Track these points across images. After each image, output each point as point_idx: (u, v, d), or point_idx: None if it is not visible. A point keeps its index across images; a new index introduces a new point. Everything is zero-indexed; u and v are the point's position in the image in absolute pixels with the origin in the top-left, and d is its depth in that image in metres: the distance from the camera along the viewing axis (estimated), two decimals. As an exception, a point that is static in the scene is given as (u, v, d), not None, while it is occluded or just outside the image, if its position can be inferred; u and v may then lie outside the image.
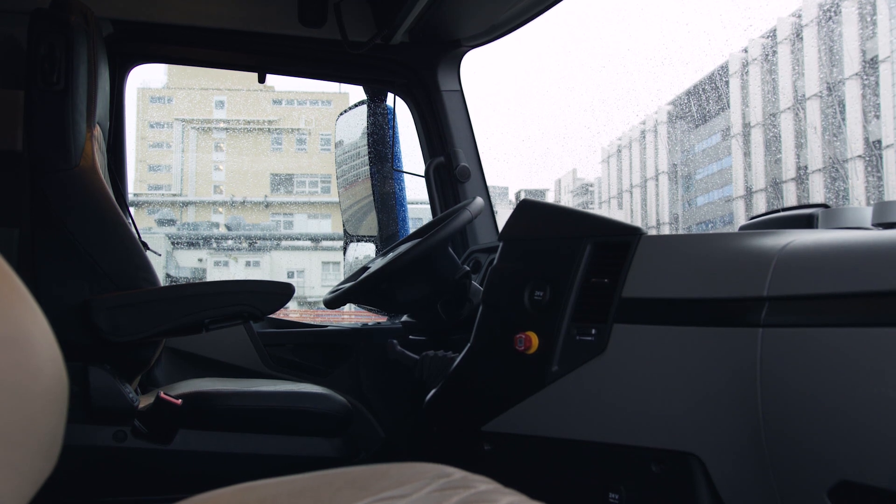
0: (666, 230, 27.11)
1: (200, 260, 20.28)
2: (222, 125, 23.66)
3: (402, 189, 2.50)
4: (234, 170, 23.79)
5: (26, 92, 1.61)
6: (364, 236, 2.63)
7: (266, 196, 22.85)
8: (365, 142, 2.63)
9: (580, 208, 1.42)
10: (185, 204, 22.91)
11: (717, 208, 25.89)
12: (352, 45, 2.17)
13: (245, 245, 20.87)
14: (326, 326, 2.34)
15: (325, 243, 21.24)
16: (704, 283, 1.16)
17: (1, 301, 0.62)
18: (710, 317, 1.13)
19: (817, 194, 22.63)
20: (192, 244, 20.39)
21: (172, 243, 20.27)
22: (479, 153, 2.42)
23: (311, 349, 2.28)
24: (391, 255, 1.95)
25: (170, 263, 19.68)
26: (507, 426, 1.36)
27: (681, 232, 1.36)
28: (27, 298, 0.66)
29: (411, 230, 2.57)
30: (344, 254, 2.74)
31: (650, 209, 27.66)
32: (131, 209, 2.32)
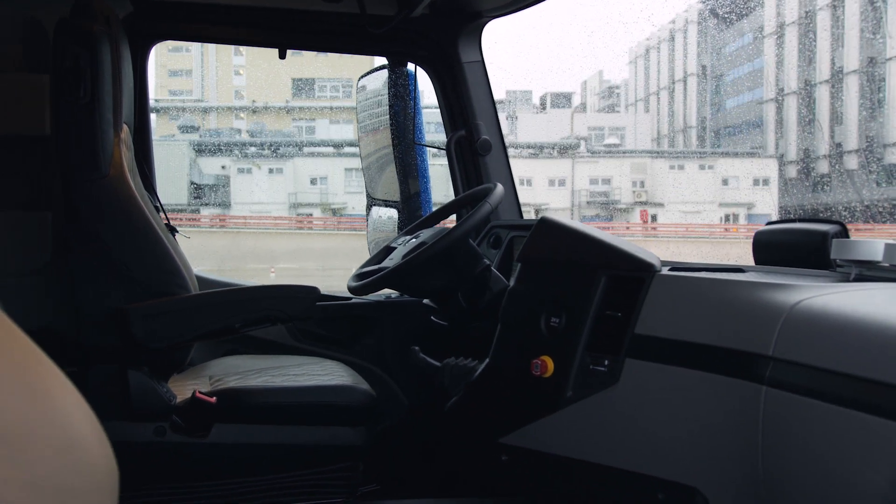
0: (693, 134, 26.65)
1: (223, 167, 20.38)
2: (241, 28, 23.24)
3: (424, 160, 2.51)
4: (255, 74, 23.54)
5: (53, 104, 1.64)
6: (387, 201, 2.66)
7: (287, 101, 22.68)
8: (386, 92, 2.63)
9: (598, 234, 1.44)
10: (207, 110, 22.82)
11: (746, 111, 25.33)
12: (372, 23, 2.15)
13: (268, 152, 20.89)
14: (350, 299, 2.42)
15: (347, 149, 21.19)
16: (714, 331, 1.20)
17: (57, 410, 0.69)
18: (718, 365, 1.18)
19: (852, 98, 21.98)
20: (214, 151, 20.45)
21: (195, 150, 20.34)
22: (501, 125, 2.42)
23: (336, 321, 2.37)
24: (413, 241, 2.00)
25: (193, 171, 19.82)
26: (524, 441, 1.44)
27: (694, 274, 1.39)
28: (78, 398, 0.73)
29: (432, 195, 2.60)
30: (367, 216, 2.78)
31: (677, 112, 27.11)
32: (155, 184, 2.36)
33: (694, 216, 21.46)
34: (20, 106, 2.12)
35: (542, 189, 22.03)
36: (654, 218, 21.95)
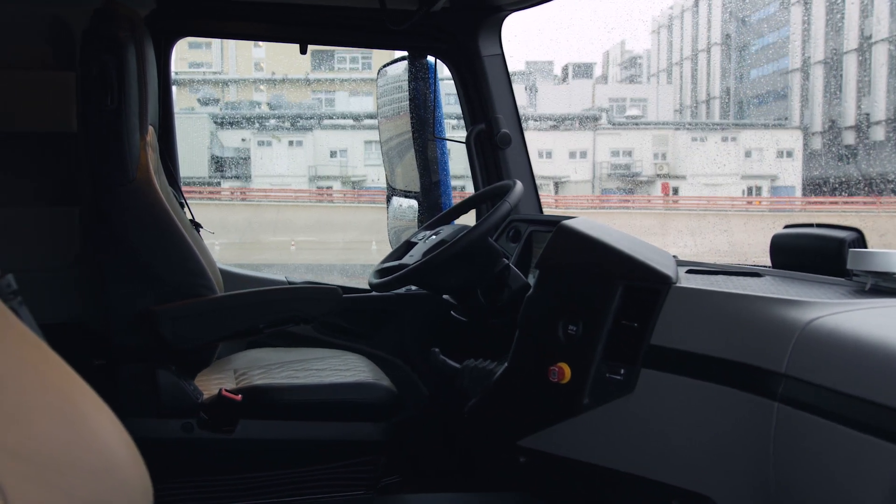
0: (716, 105, 26.28)
1: (244, 140, 20.41)
2: (260, -1, 23.11)
3: (444, 153, 2.52)
4: (274, 45, 23.44)
5: (80, 109, 1.67)
6: (407, 192, 2.69)
7: (307, 73, 22.60)
8: (407, 77, 2.64)
9: (616, 242, 1.46)
10: (227, 82, 22.81)
11: (771, 81, 24.91)
12: (392, 19, 2.16)
13: (288, 125, 20.88)
14: (371, 293, 2.45)
15: (367, 122, 21.12)
16: (729, 345, 1.22)
17: (95, 434, 0.73)
18: (733, 379, 1.21)
19: (881, 67, 21.53)
20: (234, 124, 20.47)
21: (216, 123, 20.37)
22: (521, 118, 2.42)
23: (357, 314, 2.41)
24: (433, 238, 2.02)
25: (214, 144, 19.87)
26: (541, 444, 1.48)
27: (710, 279, 1.41)
28: (113, 421, 0.77)
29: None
30: (387, 204, 2.81)
31: (701, 83, 26.71)
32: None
33: (716, 189, 21.25)
34: (47, 104, 2.16)
35: (563, 161, 21.89)
36: (675, 191, 21.76)
